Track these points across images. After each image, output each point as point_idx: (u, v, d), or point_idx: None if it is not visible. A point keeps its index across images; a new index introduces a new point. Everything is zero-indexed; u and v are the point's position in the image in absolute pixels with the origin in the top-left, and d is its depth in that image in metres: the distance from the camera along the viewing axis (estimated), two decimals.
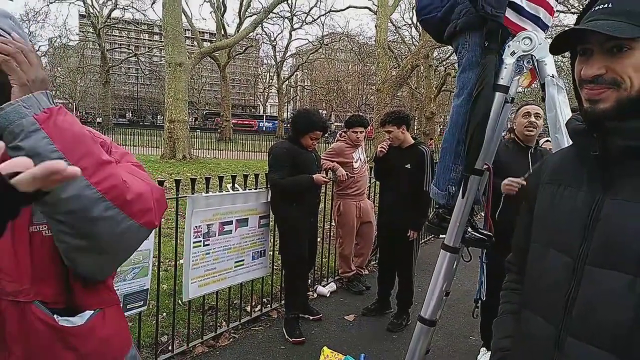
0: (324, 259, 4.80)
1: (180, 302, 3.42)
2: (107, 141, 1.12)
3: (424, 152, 3.81)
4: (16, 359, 0.95)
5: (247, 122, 51.21)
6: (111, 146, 1.12)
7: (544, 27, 1.97)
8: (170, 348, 3.12)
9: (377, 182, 4.76)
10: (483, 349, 3.36)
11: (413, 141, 3.93)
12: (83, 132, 0.93)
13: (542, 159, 1.19)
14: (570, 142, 1.57)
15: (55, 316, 0.98)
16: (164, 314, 3.53)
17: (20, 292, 0.94)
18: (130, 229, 0.96)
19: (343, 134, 4.73)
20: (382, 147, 3.93)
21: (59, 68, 40.39)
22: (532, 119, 2.99)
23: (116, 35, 53.70)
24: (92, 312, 1.04)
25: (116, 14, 35.47)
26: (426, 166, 3.74)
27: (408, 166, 3.79)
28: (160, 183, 2.99)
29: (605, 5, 0.92)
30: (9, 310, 0.93)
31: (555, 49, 1.03)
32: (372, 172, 4.35)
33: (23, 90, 0.87)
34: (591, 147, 0.95)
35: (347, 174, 4.41)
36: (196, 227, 3.13)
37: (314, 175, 3.49)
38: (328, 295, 4.47)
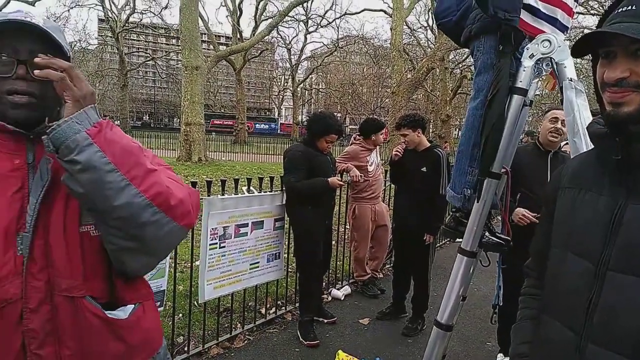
0: (338, 262, 4.79)
1: (196, 303, 3.45)
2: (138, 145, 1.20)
3: (440, 155, 3.78)
4: (68, 351, 1.02)
5: (225, 124, 48.94)
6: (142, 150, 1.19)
7: (562, 28, 1.95)
8: (186, 349, 3.14)
9: (392, 185, 4.74)
10: (500, 355, 3.32)
11: (429, 144, 3.90)
12: (130, 143, 1.02)
13: (562, 164, 1.17)
14: (589, 146, 1.56)
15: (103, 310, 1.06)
16: (180, 315, 3.56)
17: (74, 287, 1.02)
18: (173, 230, 1.05)
19: (357, 137, 4.73)
20: (397, 151, 3.91)
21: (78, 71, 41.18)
22: (559, 125, 2.91)
23: (134, 40, 54.51)
24: (133, 305, 1.12)
25: (134, 18, 36.06)
26: (442, 169, 3.71)
27: (424, 169, 3.77)
28: None
29: (629, 8, 0.90)
30: (63, 305, 1.01)
31: (576, 52, 1.02)
32: (388, 175, 4.32)
33: (76, 105, 0.95)
34: (613, 151, 0.93)
35: (361, 176, 4.40)
36: (212, 229, 3.15)
37: (329, 179, 3.49)
38: (343, 298, 4.45)
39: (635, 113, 0.89)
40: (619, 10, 0.92)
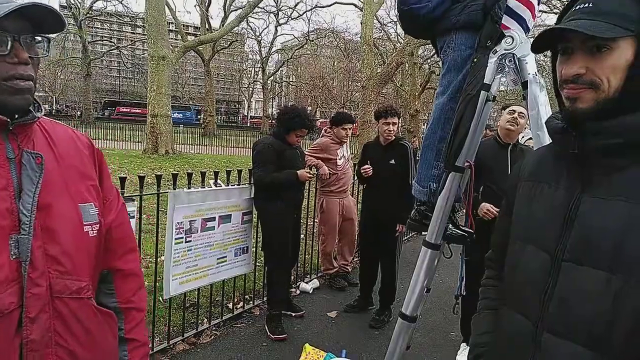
0: (306, 256, 4.79)
1: (160, 299, 3.38)
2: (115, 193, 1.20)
3: (408, 147, 3.87)
4: (72, 358, 0.98)
5: (133, 112, 44.31)
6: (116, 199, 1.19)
7: (526, 29, 1.99)
8: (150, 345, 3.08)
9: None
10: (463, 345, 3.41)
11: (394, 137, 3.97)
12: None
13: (522, 156, 1.20)
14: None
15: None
16: None
17: (82, 289, 1.01)
18: None
19: (328, 130, 4.72)
20: (366, 170, 3.91)
21: None
22: (516, 115, 3.07)
23: (98, 28, 52.71)
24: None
25: (98, 5, 34.79)
26: (410, 161, 3.80)
27: (392, 162, 3.83)
28: (141, 178, 2.95)
29: (586, 5, 0.92)
30: (68, 309, 0.97)
31: (536, 48, 1.04)
32: (355, 176, 4.34)
33: None
34: (570, 146, 0.96)
35: (329, 172, 4.41)
36: (178, 223, 3.09)
37: (298, 171, 3.47)
38: (311, 292, 4.47)
39: (589, 109, 0.91)
40: (577, 7, 0.94)
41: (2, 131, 0.93)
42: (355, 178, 5.18)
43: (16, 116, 0.93)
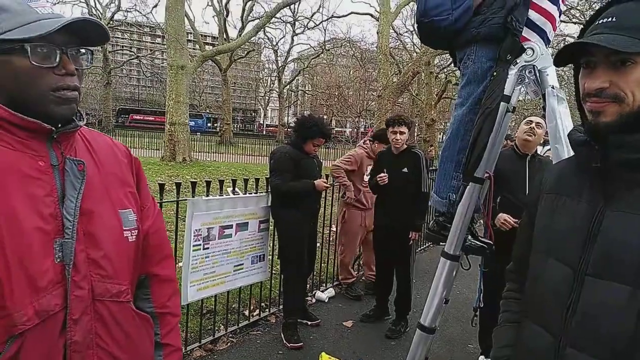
0: (323, 265, 4.79)
1: None
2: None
3: (420, 155, 3.91)
4: (118, 350, 1.02)
5: (146, 119, 44.50)
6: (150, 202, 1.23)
7: (547, 41, 1.98)
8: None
9: None
10: (481, 357, 3.36)
11: (406, 146, 4.00)
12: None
13: (543, 170, 1.20)
14: (570, 153, 1.59)
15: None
16: None
17: (121, 292, 1.04)
18: None
19: (368, 142, 4.70)
20: (382, 178, 3.89)
21: None
22: (533, 125, 3.06)
23: (118, 37, 53.71)
24: None
25: (119, 16, 35.58)
26: (422, 168, 3.83)
27: (405, 170, 3.86)
28: (161, 186, 3.00)
29: (610, 19, 0.93)
30: (108, 312, 1.00)
31: (559, 61, 1.04)
32: (369, 186, 4.30)
33: None
34: (592, 159, 0.96)
35: (353, 197, 4.41)
36: (196, 230, 3.13)
37: (315, 181, 3.49)
38: (327, 300, 4.46)
39: (613, 123, 0.91)
40: (600, 22, 0.95)
41: (47, 139, 0.96)
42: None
43: (59, 125, 0.97)
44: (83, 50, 0.99)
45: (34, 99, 0.92)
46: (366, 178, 4.48)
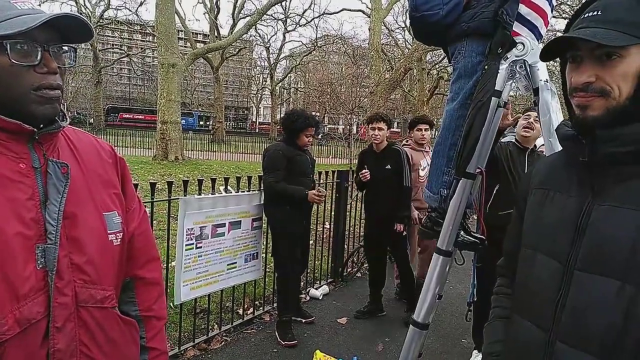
0: (317, 262, 4.79)
1: (171, 305, 3.40)
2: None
3: (401, 151, 4.02)
4: (102, 357, 1.00)
5: (135, 118, 44.14)
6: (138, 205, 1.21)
7: (539, 36, 1.98)
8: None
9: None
10: (475, 352, 3.37)
11: (387, 142, 4.08)
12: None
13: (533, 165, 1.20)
14: None
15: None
16: None
17: (106, 298, 1.01)
18: None
19: (408, 138, 4.70)
20: (364, 174, 4.01)
21: None
22: (531, 120, 3.06)
23: (109, 36, 53.26)
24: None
25: (109, 14, 35.24)
26: (404, 163, 3.96)
27: (388, 167, 3.98)
28: (152, 185, 2.98)
29: (595, 13, 0.93)
30: (92, 318, 0.98)
31: (545, 56, 1.04)
32: (355, 184, 4.42)
33: None
34: (580, 153, 0.96)
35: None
36: (188, 229, 3.11)
37: (309, 192, 3.44)
38: (321, 298, 4.46)
39: (600, 117, 0.91)
40: (586, 16, 0.95)
41: (28, 141, 0.92)
42: (355, 193, 5.20)
43: (41, 125, 0.93)
44: (66, 48, 0.95)
45: (14, 99, 0.88)
46: (422, 173, 4.34)
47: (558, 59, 1.04)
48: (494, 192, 3.02)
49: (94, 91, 36.88)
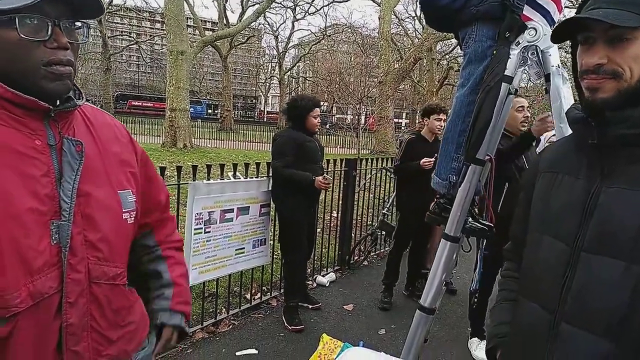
0: (323, 249, 4.82)
1: None
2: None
3: None
4: (105, 342, 1.00)
5: (144, 105, 44.94)
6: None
7: (551, 22, 1.96)
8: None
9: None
10: (475, 339, 3.38)
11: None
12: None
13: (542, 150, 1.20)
14: None
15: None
16: None
17: (118, 275, 1.03)
18: None
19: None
20: (430, 161, 3.83)
21: None
22: (527, 113, 3.01)
23: (118, 23, 53.26)
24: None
25: (118, 1, 35.25)
26: None
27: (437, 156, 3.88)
28: (162, 170, 3.00)
29: None
30: (103, 294, 0.99)
31: (556, 38, 1.03)
32: (396, 172, 4.23)
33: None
34: (589, 136, 0.96)
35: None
36: (197, 214, 3.14)
37: (316, 178, 3.45)
38: (327, 285, 4.49)
39: (610, 99, 0.91)
40: None
41: (44, 118, 0.92)
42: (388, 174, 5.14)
43: (57, 103, 0.93)
44: (78, 24, 0.93)
45: (24, 74, 0.87)
46: None
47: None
48: (504, 192, 2.99)
49: (103, 78, 36.99)
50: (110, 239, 0.99)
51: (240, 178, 3.57)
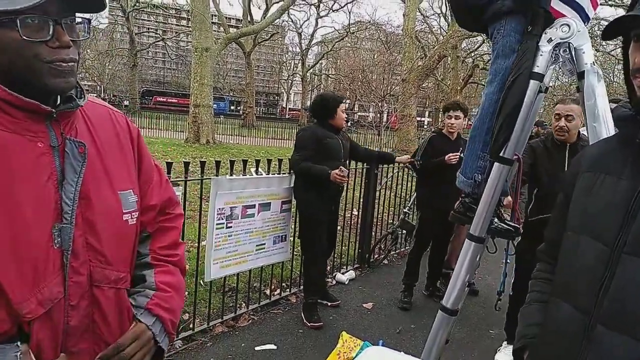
0: (343, 247, 4.80)
1: (201, 282, 3.48)
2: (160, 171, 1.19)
3: None
4: (103, 344, 0.98)
5: (169, 102, 45.79)
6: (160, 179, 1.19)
7: (585, 18, 1.90)
8: (191, 326, 3.18)
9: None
10: (504, 343, 3.32)
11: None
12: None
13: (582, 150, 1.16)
14: (610, 132, 1.53)
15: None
16: (186, 293, 3.59)
17: (120, 279, 1.01)
18: None
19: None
20: (456, 156, 3.77)
21: (88, 50, 41.16)
22: (562, 123, 2.85)
23: (145, 20, 54.27)
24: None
25: None
26: None
27: (462, 154, 3.79)
28: (186, 164, 3.04)
29: None
30: (104, 298, 0.97)
31: (607, 34, 0.99)
32: (420, 169, 4.10)
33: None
34: (636, 135, 0.92)
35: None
36: (219, 209, 3.16)
37: (332, 172, 3.37)
38: (347, 282, 4.47)
39: None
40: None
41: (46, 119, 0.90)
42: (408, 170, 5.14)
43: (59, 103, 0.92)
44: (79, 20, 0.92)
45: (27, 73, 0.86)
46: None
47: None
48: (533, 197, 2.92)
49: (129, 74, 37.74)
50: (112, 242, 0.97)
51: (262, 174, 3.58)
